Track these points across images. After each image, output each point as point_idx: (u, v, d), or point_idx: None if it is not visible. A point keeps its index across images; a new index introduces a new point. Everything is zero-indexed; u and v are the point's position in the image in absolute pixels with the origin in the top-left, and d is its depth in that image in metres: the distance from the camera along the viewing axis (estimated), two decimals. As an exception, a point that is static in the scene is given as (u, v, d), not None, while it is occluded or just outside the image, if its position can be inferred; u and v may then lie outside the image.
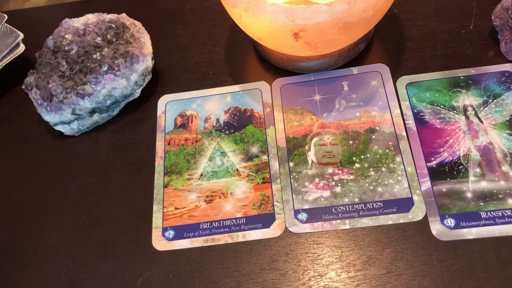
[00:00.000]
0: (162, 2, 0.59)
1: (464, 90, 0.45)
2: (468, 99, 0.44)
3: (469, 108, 0.43)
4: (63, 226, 0.44)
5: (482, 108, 0.43)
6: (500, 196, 0.39)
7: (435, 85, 0.45)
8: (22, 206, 0.46)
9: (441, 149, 0.42)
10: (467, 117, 0.43)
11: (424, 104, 0.45)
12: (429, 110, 0.44)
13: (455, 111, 0.44)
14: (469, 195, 0.39)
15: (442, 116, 0.44)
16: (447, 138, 0.42)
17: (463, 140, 0.42)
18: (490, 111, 0.43)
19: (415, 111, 0.44)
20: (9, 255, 0.43)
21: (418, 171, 0.41)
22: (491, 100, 0.44)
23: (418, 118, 0.44)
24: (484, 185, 0.39)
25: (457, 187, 0.40)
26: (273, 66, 0.50)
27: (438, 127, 0.43)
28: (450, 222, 0.38)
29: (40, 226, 0.44)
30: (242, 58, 0.52)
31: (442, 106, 0.44)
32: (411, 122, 0.44)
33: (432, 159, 0.41)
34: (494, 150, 0.41)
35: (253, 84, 0.49)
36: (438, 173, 0.41)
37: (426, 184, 0.40)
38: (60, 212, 0.44)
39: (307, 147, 0.44)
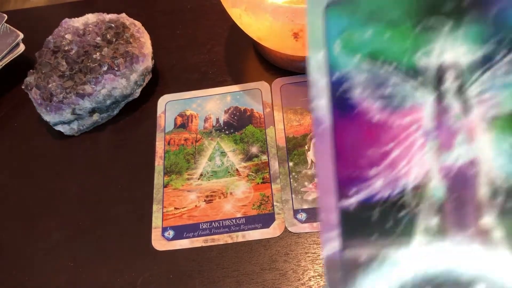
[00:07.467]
0: (162, 2, 0.59)
1: (447, 26, 0.20)
2: (453, 47, 0.20)
3: (450, 72, 0.20)
4: (63, 226, 0.43)
5: (478, 74, 0.20)
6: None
7: (389, 8, 0.20)
8: (22, 206, 0.45)
9: (374, 170, 0.20)
10: (439, 96, 0.20)
11: (358, 58, 0.21)
12: (364, 76, 0.20)
13: (418, 78, 0.20)
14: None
15: (388, 90, 0.20)
16: (390, 145, 0.21)
17: (419, 151, 0.20)
18: (493, 82, 0.19)
19: (336, 76, 0.20)
20: (9, 255, 0.43)
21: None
22: (504, 53, 0.19)
23: (339, 97, 0.20)
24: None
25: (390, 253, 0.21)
26: (273, 66, 0.50)
27: (376, 118, 0.21)
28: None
29: (40, 226, 0.44)
30: (242, 58, 0.52)
31: (393, 65, 0.20)
32: (322, 103, 0.20)
33: (353, 191, 0.21)
34: (476, 179, 0.20)
35: (253, 84, 0.49)
36: (357, 223, 0.21)
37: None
38: (60, 212, 0.44)
39: (306, 147, 0.44)
